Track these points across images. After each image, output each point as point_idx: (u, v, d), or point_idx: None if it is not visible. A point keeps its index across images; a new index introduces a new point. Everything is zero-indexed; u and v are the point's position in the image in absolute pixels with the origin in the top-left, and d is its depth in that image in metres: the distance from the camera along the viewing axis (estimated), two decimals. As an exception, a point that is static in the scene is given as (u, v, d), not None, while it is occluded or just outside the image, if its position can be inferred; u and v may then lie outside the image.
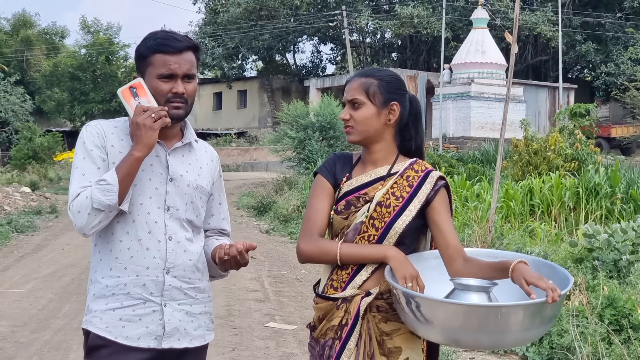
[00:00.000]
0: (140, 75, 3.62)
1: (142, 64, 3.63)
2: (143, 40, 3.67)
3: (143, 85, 3.55)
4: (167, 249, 3.59)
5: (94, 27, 62.48)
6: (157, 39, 3.60)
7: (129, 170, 3.43)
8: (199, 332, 3.73)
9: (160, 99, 3.56)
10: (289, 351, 8.63)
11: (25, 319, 9.98)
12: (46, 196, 30.52)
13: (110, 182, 3.39)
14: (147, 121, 3.43)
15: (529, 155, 20.27)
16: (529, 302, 3.25)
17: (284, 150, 30.20)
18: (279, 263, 14.91)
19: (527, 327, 3.31)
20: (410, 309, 3.36)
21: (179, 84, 3.57)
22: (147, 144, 3.44)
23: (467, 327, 3.26)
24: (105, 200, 3.38)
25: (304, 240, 3.69)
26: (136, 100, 3.51)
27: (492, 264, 3.55)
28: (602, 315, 8.10)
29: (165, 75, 3.56)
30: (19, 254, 16.08)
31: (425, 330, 3.41)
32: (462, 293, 3.43)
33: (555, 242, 12.84)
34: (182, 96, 3.58)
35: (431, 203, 3.67)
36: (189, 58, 3.61)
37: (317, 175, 3.82)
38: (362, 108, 3.69)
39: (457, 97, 44.50)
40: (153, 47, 3.59)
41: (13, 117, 50.58)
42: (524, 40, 54.80)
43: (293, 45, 66.61)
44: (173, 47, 3.57)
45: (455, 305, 3.30)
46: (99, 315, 3.58)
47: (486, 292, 3.43)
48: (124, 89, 3.57)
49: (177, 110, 3.59)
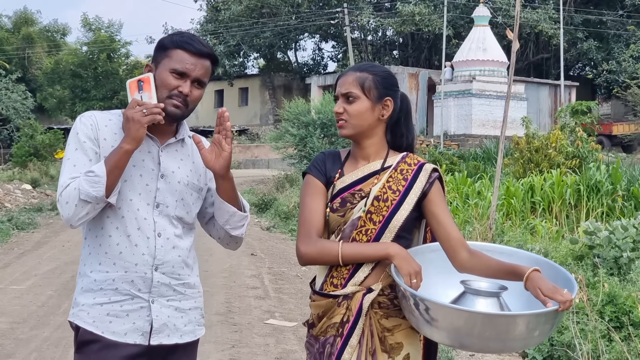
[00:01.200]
0: (155, 65, 3.62)
1: (160, 54, 3.63)
2: (170, 34, 3.71)
3: (151, 80, 3.54)
4: (156, 246, 3.58)
5: (96, 25, 62.68)
6: (184, 37, 3.62)
7: (117, 162, 3.41)
8: (189, 327, 3.72)
9: (163, 92, 3.55)
10: (289, 348, 8.61)
11: (25, 316, 9.97)
12: (47, 193, 30.54)
13: (98, 174, 3.37)
14: (137, 115, 3.41)
15: (530, 152, 20.24)
16: (543, 311, 3.26)
17: (285, 147, 30.17)
18: (280, 260, 14.90)
19: (537, 333, 3.32)
20: (419, 312, 3.35)
21: (187, 84, 3.57)
22: (134, 137, 3.42)
23: (478, 333, 3.26)
24: (92, 191, 3.36)
25: (304, 243, 3.65)
26: (139, 94, 3.51)
27: (501, 265, 3.55)
28: (603, 312, 8.09)
29: (179, 71, 3.56)
30: (19, 251, 16.09)
31: (432, 332, 3.41)
32: (473, 297, 3.43)
33: (556, 239, 12.82)
34: (185, 97, 3.57)
35: (427, 195, 3.66)
36: (206, 64, 3.63)
37: (307, 175, 3.79)
38: (356, 102, 3.67)
39: (458, 95, 44.46)
40: (177, 42, 3.60)
41: (14, 114, 50.58)
42: (525, 38, 54.78)
43: (294, 43, 66.65)
44: (195, 49, 3.58)
45: (469, 313, 3.29)
46: (87, 310, 3.57)
47: (497, 297, 3.43)
48: (132, 81, 3.57)
49: (175, 108, 3.58)
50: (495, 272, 3.53)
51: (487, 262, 3.58)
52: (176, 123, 3.72)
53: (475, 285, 3.46)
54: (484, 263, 3.57)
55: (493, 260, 3.60)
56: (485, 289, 3.43)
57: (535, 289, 3.32)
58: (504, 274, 3.51)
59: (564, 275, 3.55)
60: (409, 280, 3.44)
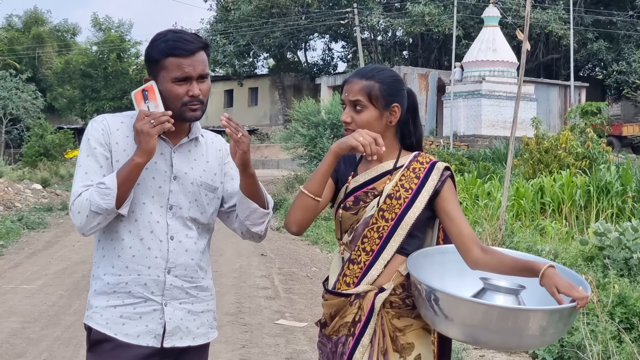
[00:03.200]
0: (153, 78, 3.57)
1: (154, 68, 3.58)
2: (152, 42, 3.61)
3: (154, 88, 3.51)
4: (168, 249, 3.59)
5: (106, 25, 62.70)
6: (168, 42, 3.54)
7: (129, 175, 3.41)
8: (202, 330, 3.72)
9: (176, 103, 3.52)
10: (299, 348, 8.62)
11: (35, 315, 10.00)
12: (57, 193, 30.60)
13: (109, 187, 3.38)
14: (145, 127, 3.39)
15: (539, 153, 20.23)
16: (558, 308, 3.27)
17: (295, 147, 30.20)
18: (290, 260, 14.91)
19: (551, 331, 3.33)
20: (434, 306, 3.35)
21: (194, 86, 3.53)
22: (146, 150, 3.41)
23: (493, 328, 3.26)
24: (102, 204, 3.38)
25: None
26: (145, 104, 3.49)
27: (516, 262, 3.54)
28: (613, 313, 8.08)
29: (181, 78, 3.51)
30: (29, 251, 16.12)
31: (447, 327, 3.41)
32: (491, 294, 3.44)
33: (566, 240, 12.82)
34: (198, 98, 3.55)
35: (440, 193, 3.67)
36: (202, 58, 3.57)
37: None
38: (364, 111, 3.65)
39: (468, 95, 44.40)
40: (165, 51, 3.53)
41: (24, 114, 50.71)
42: (535, 39, 54.65)
43: (304, 43, 66.57)
44: (186, 50, 3.52)
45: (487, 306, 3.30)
46: (100, 312, 3.58)
47: (515, 294, 3.43)
48: (136, 92, 3.53)
49: (194, 112, 3.57)
50: (510, 269, 3.53)
51: (501, 258, 3.58)
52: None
53: (495, 282, 3.47)
54: (497, 259, 3.57)
55: (507, 256, 3.60)
56: (505, 286, 3.44)
57: (551, 286, 3.32)
58: (518, 270, 3.50)
59: (575, 278, 3.55)
60: (367, 149, 3.44)
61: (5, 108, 50.25)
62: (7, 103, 50.20)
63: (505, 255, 3.61)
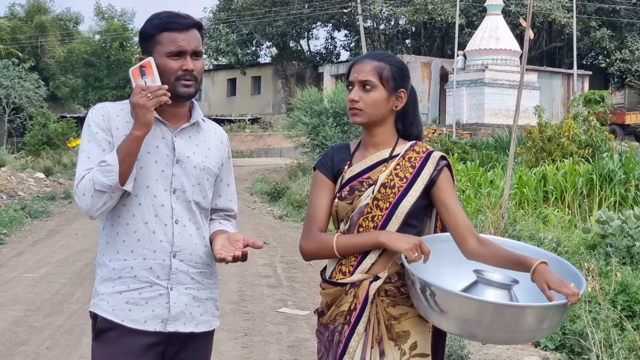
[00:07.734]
0: (148, 55, 3.60)
1: (149, 44, 3.63)
2: (147, 21, 3.67)
3: (152, 64, 3.53)
4: (173, 233, 3.59)
5: (108, 13, 62.71)
6: (163, 18, 3.61)
7: (129, 149, 3.42)
8: (205, 317, 3.73)
9: (170, 77, 3.55)
10: (301, 336, 8.64)
11: (38, 304, 10.02)
12: (60, 182, 30.65)
13: (110, 163, 3.39)
14: (142, 100, 3.41)
15: (542, 141, 20.22)
16: (552, 304, 3.27)
17: (298, 136, 30.17)
18: (292, 249, 14.91)
19: (545, 325, 3.34)
20: (428, 299, 3.36)
21: (188, 61, 3.57)
22: (143, 122, 3.42)
23: (487, 323, 3.27)
24: (105, 181, 3.38)
25: (304, 239, 3.74)
26: (143, 79, 3.51)
27: (510, 255, 3.55)
28: (615, 301, 8.09)
29: (175, 52, 3.56)
30: (32, 239, 16.15)
31: (440, 320, 3.42)
32: (483, 287, 3.44)
33: (569, 228, 12.81)
34: (192, 73, 3.58)
35: (436, 183, 3.67)
36: (196, 35, 3.63)
37: (315, 170, 3.85)
38: (374, 91, 3.67)
39: (471, 84, 44.35)
40: (160, 26, 3.59)
41: (27, 103, 50.81)
42: (538, 27, 54.60)
43: (307, 32, 66.48)
44: (180, 24, 3.58)
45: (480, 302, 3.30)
46: (106, 299, 3.58)
47: (508, 289, 3.44)
48: (134, 68, 3.57)
49: (187, 88, 3.59)
50: (503, 262, 3.54)
51: (496, 251, 3.59)
52: (190, 104, 3.74)
53: (488, 275, 3.47)
54: (492, 251, 3.58)
55: (502, 249, 3.61)
56: (498, 280, 3.44)
57: (542, 282, 3.33)
58: (511, 264, 3.52)
59: (572, 271, 3.57)
60: (411, 255, 3.45)
61: (8, 97, 50.38)
62: (10, 92, 50.31)
63: (500, 248, 3.61)
